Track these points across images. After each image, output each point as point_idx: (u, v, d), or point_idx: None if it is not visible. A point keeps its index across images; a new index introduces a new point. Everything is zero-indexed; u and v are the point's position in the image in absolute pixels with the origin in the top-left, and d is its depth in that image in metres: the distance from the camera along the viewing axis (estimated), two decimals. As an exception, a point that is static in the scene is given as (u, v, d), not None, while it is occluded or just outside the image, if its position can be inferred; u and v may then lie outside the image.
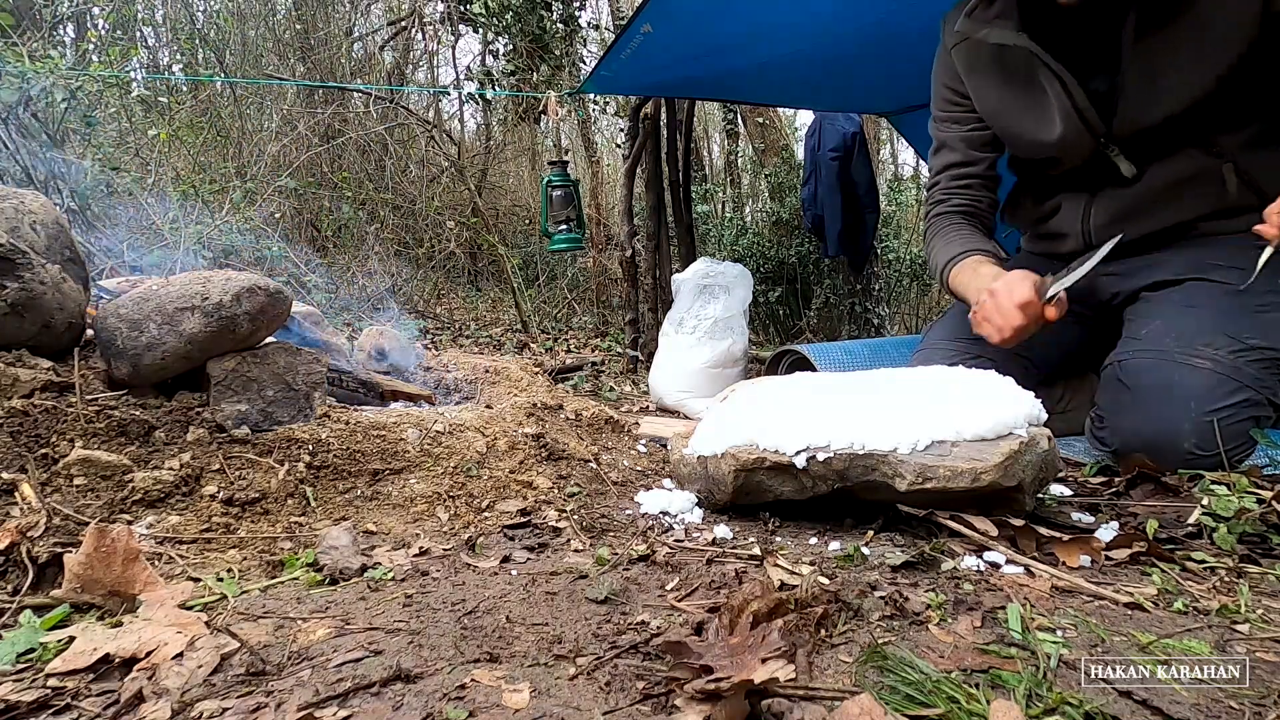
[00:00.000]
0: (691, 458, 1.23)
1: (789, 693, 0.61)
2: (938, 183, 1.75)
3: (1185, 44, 1.33)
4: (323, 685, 0.63)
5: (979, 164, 1.69)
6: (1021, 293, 1.32)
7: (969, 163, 1.70)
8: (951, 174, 1.72)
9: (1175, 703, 0.59)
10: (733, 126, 7.00)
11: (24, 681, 0.64)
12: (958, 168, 1.71)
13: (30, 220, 1.19)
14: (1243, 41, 1.30)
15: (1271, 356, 1.32)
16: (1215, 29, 1.31)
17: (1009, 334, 1.34)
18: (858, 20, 2.35)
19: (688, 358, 2.47)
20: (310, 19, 5.78)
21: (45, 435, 1.01)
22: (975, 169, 1.70)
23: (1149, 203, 1.48)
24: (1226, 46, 1.31)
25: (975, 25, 1.54)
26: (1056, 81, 1.44)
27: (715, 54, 2.58)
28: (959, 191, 1.71)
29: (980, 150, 1.68)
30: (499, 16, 4.80)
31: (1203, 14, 1.31)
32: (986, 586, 0.85)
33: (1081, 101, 1.44)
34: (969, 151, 1.69)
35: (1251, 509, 0.98)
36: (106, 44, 3.95)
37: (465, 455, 1.26)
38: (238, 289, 1.14)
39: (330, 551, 0.93)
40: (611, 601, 0.82)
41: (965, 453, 1.03)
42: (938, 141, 1.76)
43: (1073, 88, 1.43)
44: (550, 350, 4.12)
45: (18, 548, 0.82)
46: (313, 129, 4.96)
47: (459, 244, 5.73)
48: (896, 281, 5.73)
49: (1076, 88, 1.43)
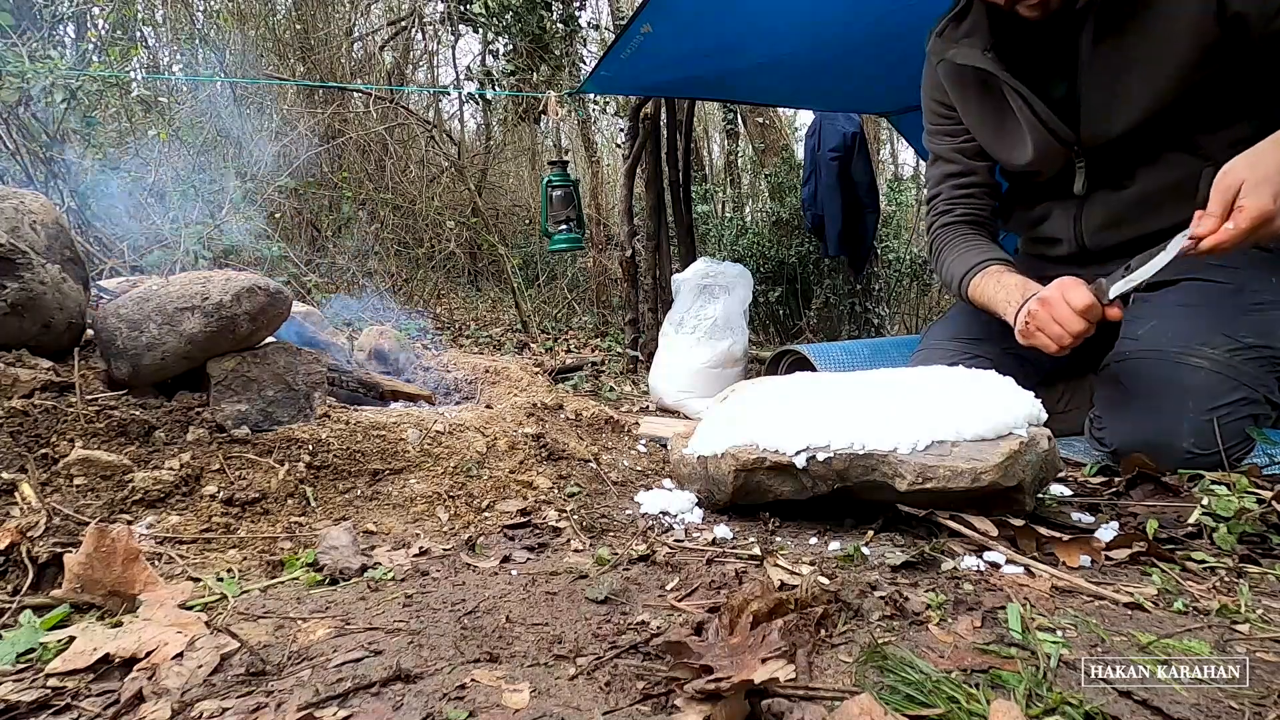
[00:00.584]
0: (691, 458, 1.23)
1: (789, 693, 0.61)
2: (939, 193, 1.75)
3: (1139, 53, 1.33)
4: (323, 685, 0.63)
5: (978, 172, 1.69)
6: (1080, 298, 1.27)
7: (968, 172, 1.69)
8: (953, 184, 1.72)
9: (1175, 703, 0.59)
10: (733, 126, 7.01)
11: (24, 681, 0.64)
12: (958, 177, 1.71)
13: (30, 220, 1.19)
14: (1198, 47, 1.29)
15: (1269, 355, 1.32)
16: (1169, 35, 1.30)
17: (1069, 341, 1.29)
18: (857, 20, 2.35)
19: (688, 358, 2.47)
20: (310, 19, 5.78)
21: (45, 435, 1.01)
22: (975, 178, 1.69)
23: (1140, 207, 1.49)
24: (1179, 54, 1.31)
25: (945, 45, 1.55)
26: (1018, 98, 1.46)
27: (715, 54, 2.58)
28: (962, 201, 1.71)
29: (976, 159, 1.68)
30: (499, 16, 4.80)
31: (1155, 23, 1.31)
32: (986, 586, 0.85)
33: (1045, 114, 1.45)
34: (966, 161, 1.69)
35: (1251, 509, 0.98)
36: (106, 44, 3.95)
37: (465, 455, 1.26)
38: (238, 289, 1.14)
39: (330, 551, 0.93)
40: (611, 601, 0.82)
41: (965, 453, 1.03)
42: (934, 154, 1.77)
43: (1035, 103, 1.44)
44: (550, 350, 4.12)
45: (18, 548, 0.82)
46: (313, 129, 4.96)
47: (459, 244, 5.74)
48: (896, 281, 5.73)
49: (1039, 103, 1.44)
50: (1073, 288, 1.30)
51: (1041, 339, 1.34)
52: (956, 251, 1.66)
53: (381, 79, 6.39)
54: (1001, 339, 1.68)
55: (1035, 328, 1.35)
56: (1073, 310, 1.28)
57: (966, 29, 1.51)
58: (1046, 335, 1.32)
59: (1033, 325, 1.35)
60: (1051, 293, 1.32)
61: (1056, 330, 1.30)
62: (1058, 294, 1.31)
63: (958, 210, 1.71)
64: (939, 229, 1.74)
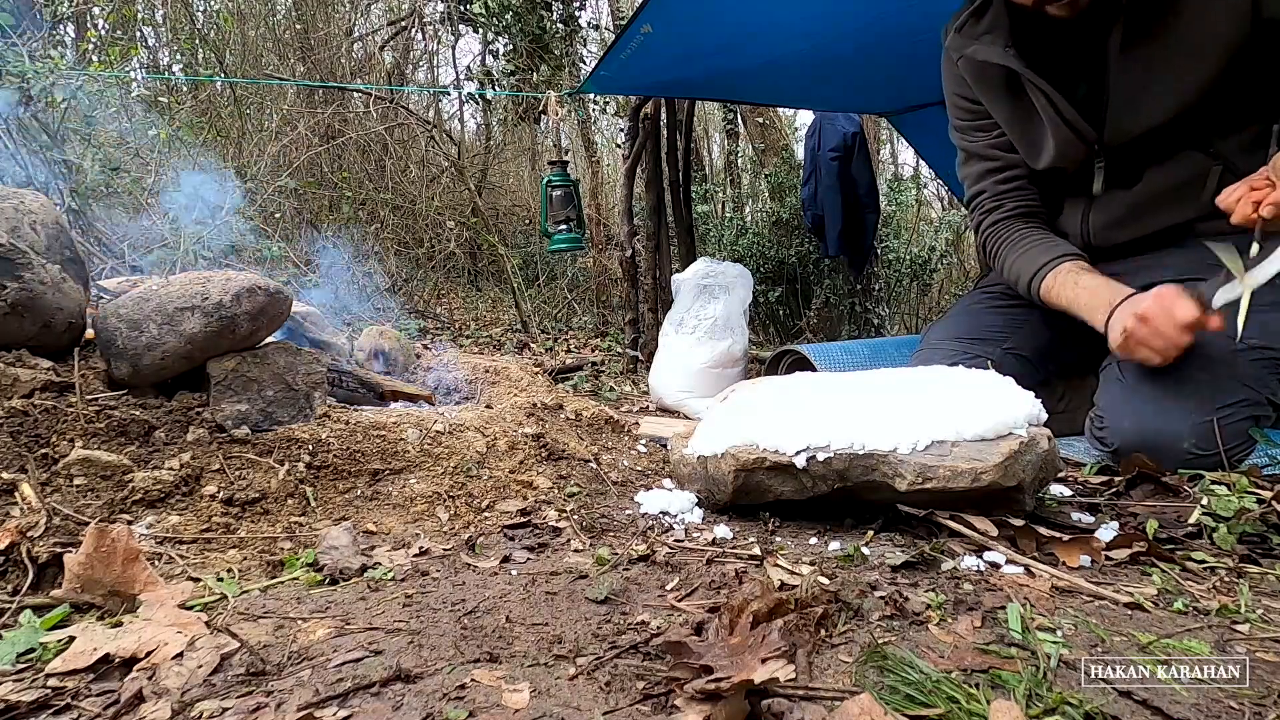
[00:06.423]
0: (691, 458, 1.23)
1: (789, 693, 0.61)
2: (983, 190, 1.67)
3: (1171, 53, 1.33)
4: (323, 685, 0.63)
5: (1017, 165, 1.62)
6: (1186, 311, 1.22)
7: (1008, 165, 1.62)
8: (995, 179, 1.64)
9: (1175, 703, 0.59)
10: (733, 126, 7.00)
11: (24, 681, 0.64)
12: (998, 172, 1.64)
13: (30, 220, 1.19)
14: (1228, 50, 1.30)
15: (1270, 356, 1.32)
16: (1201, 38, 1.31)
17: (1174, 354, 1.27)
18: (857, 20, 2.35)
19: (688, 358, 2.47)
20: (310, 19, 5.78)
21: (45, 435, 1.01)
22: (1016, 170, 1.62)
23: (1147, 205, 1.49)
24: (1212, 55, 1.31)
25: (964, 41, 1.53)
26: (1042, 96, 1.44)
27: (715, 54, 2.58)
28: (1010, 195, 1.63)
29: (1012, 152, 1.61)
30: (499, 16, 4.80)
31: (1188, 24, 1.31)
32: (986, 586, 0.85)
33: (1069, 114, 1.44)
34: (1004, 155, 1.62)
35: (1251, 509, 0.98)
36: (106, 44, 3.95)
37: (465, 455, 1.26)
38: (238, 289, 1.14)
39: (330, 551, 0.93)
40: (611, 601, 0.82)
41: (965, 453, 1.03)
42: (965, 151, 1.70)
43: (1059, 101, 1.43)
44: (550, 350, 4.12)
45: (18, 548, 0.82)
46: (313, 129, 4.96)
47: (459, 244, 5.74)
48: (896, 281, 5.73)
49: (1063, 101, 1.43)
50: (1176, 300, 1.24)
51: (1144, 353, 1.29)
52: (1019, 250, 1.58)
53: (381, 79, 6.39)
54: (1002, 339, 1.68)
55: (1137, 342, 1.29)
56: (1179, 326, 1.23)
57: (986, 25, 1.49)
58: (1150, 349, 1.28)
59: (1133, 341, 1.29)
60: (1151, 308, 1.26)
61: (1161, 345, 1.26)
62: (1160, 310, 1.25)
63: (1008, 205, 1.63)
64: (991, 226, 1.65)
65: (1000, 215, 1.64)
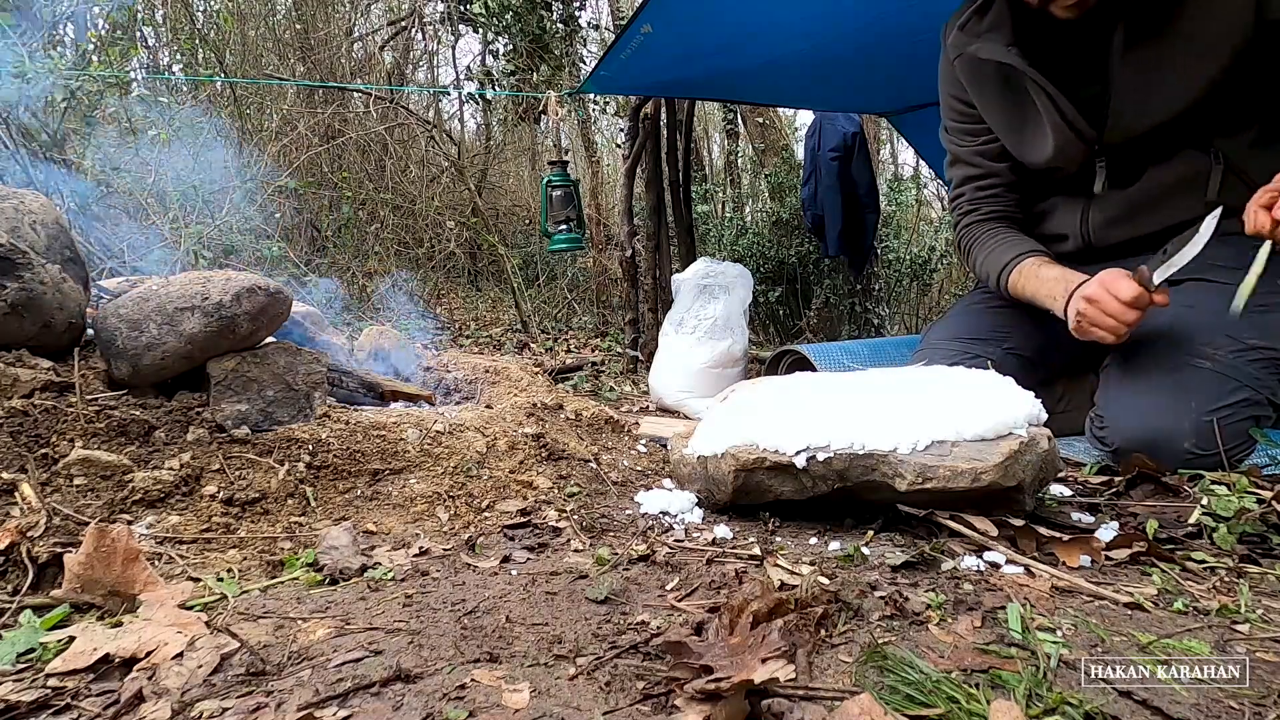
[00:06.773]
0: (691, 458, 1.23)
1: (789, 693, 0.61)
2: (962, 194, 1.74)
3: (1174, 54, 1.34)
4: (323, 685, 0.63)
5: (999, 174, 1.68)
6: (1127, 290, 1.29)
7: (989, 174, 1.69)
8: (974, 185, 1.71)
9: (1175, 703, 0.59)
10: (733, 126, 7.00)
11: (24, 681, 0.64)
12: (979, 180, 1.70)
13: (30, 220, 1.19)
14: (1231, 51, 1.30)
15: (1271, 356, 1.32)
16: (1204, 39, 1.31)
17: (1125, 331, 1.33)
18: (857, 20, 2.35)
19: (688, 358, 2.47)
20: (310, 19, 5.78)
21: (45, 435, 1.01)
22: (997, 179, 1.68)
23: (1147, 204, 1.49)
24: (1214, 56, 1.31)
25: (966, 39, 1.54)
26: (1044, 95, 1.45)
27: (715, 54, 2.58)
28: (987, 200, 1.70)
29: (997, 161, 1.67)
30: (499, 16, 4.80)
31: (1191, 24, 1.31)
32: (986, 586, 0.85)
33: (1070, 113, 1.44)
34: (988, 164, 1.68)
35: (1251, 509, 0.98)
36: (106, 44, 3.95)
37: (465, 455, 1.26)
38: (238, 289, 1.14)
39: (330, 551, 0.93)
40: (611, 601, 0.82)
41: (965, 453, 1.03)
42: (952, 154, 1.75)
43: (1060, 101, 1.44)
44: (550, 350, 4.12)
45: (18, 548, 0.82)
46: (313, 129, 4.96)
47: (459, 244, 5.74)
48: (896, 281, 5.73)
49: (1064, 101, 1.44)
50: (1116, 281, 1.31)
51: (1097, 333, 1.36)
52: (988, 249, 1.65)
53: (381, 79, 6.39)
54: (1002, 339, 1.69)
55: (1089, 324, 1.36)
56: (1121, 303, 1.30)
57: (989, 23, 1.50)
58: (1101, 329, 1.34)
59: (1085, 323, 1.36)
60: (1096, 290, 1.33)
61: (1110, 323, 1.32)
62: (1102, 291, 1.32)
63: (983, 209, 1.70)
64: (966, 228, 1.73)
65: (975, 218, 1.71)
